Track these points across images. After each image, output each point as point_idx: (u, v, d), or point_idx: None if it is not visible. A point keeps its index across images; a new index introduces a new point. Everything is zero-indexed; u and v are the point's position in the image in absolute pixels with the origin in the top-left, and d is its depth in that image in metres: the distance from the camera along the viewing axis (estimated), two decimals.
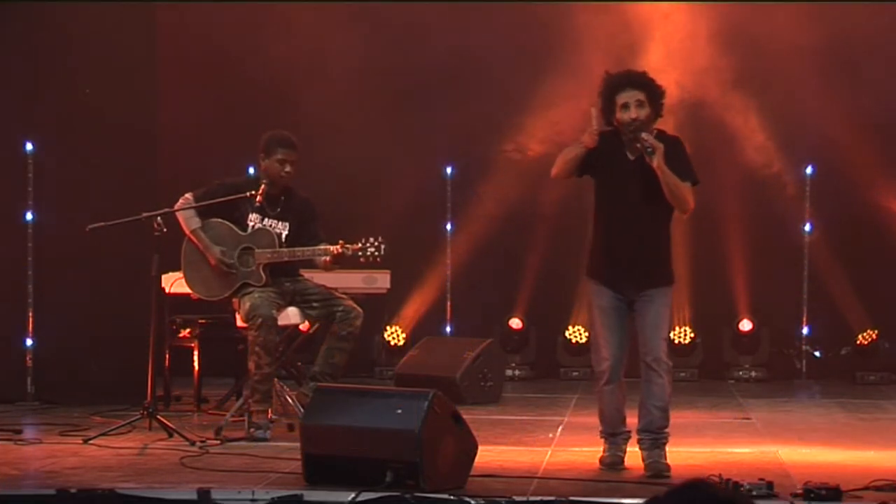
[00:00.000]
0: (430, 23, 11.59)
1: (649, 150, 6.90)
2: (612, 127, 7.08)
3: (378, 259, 8.19)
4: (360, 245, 8.15)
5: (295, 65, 11.53)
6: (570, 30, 11.45)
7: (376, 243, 8.14)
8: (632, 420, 7.25)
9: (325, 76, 11.50)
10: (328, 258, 8.21)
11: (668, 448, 7.14)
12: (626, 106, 6.99)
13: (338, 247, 8.16)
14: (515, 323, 11.80)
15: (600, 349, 7.15)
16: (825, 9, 11.38)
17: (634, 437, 7.20)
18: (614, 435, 7.22)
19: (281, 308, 8.31)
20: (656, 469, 6.99)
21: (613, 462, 7.20)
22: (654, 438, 7.10)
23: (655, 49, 10.90)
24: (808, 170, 11.77)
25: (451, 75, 11.75)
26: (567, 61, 11.33)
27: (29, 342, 9.88)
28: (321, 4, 11.56)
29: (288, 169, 8.37)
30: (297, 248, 8.32)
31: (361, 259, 8.19)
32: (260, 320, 8.09)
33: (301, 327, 8.76)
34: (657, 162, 6.88)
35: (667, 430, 7.14)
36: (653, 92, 7.06)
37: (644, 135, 6.94)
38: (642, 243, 7.06)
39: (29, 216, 9.89)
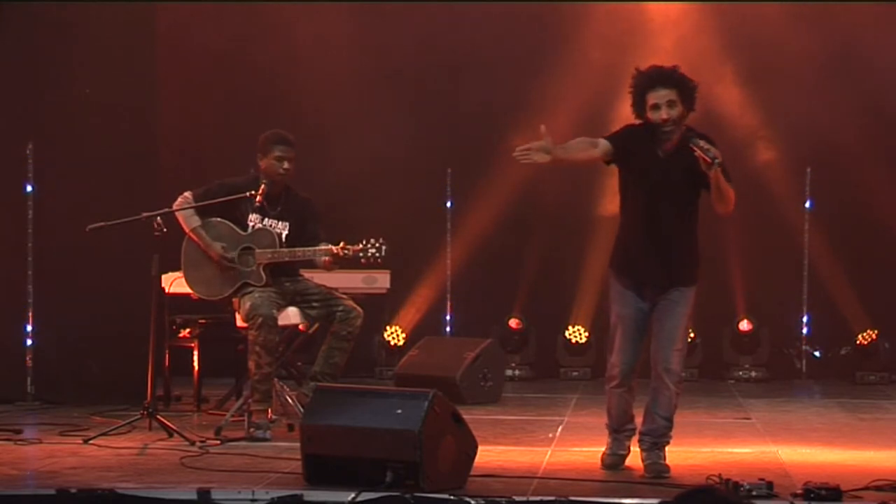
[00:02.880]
0: (430, 22, 11.60)
1: (717, 160, 6.70)
2: (641, 121, 6.99)
3: (379, 260, 8.18)
4: (360, 246, 8.14)
5: (295, 65, 11.54)
6: (570, 27, 11.46)
7: (377, 244, 8.13)
8: (637, 419, 7.25)
9: (326, 76, 11.51)
10: (329, 258, 8.21)
11: (668, 448, 7.13)
12: (656, 106, 6.88)
13: (339, 248, 8.16)
14: (515, 323, 11.80)
15: (613, 354, 7.13)
16: (827, 8, 11.39)
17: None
18: (619, 431, 7.21)
19: (281, 308, 8.31)
20: (656, 470, 6.98)
21: (613, 463, 7.19)
22: (655, 441, 7.09)
23: (655, 47, 10.89)
24: (809, 170, 11.77)
25: (450, 75, 11.77)
26: (567, 59, 11.34)
27: (29, 342, 9.89)
28: (321, 5, 11.57)
29: (286, 166, 8.38)
30: (297, 249, 8.32)
31: (362, 260, 8.18)
32: (260, 320, 8.09)
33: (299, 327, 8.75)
34: (716, 172, 6.75)
35: (670, 434, 7.14)
36: (685, 88, 6.93)
37: (703, 143, 6.75)
38: (668, 240, 6.98)
39: (29, 216, 9.90)
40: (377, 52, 11.69)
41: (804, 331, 11.86)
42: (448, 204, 11.96)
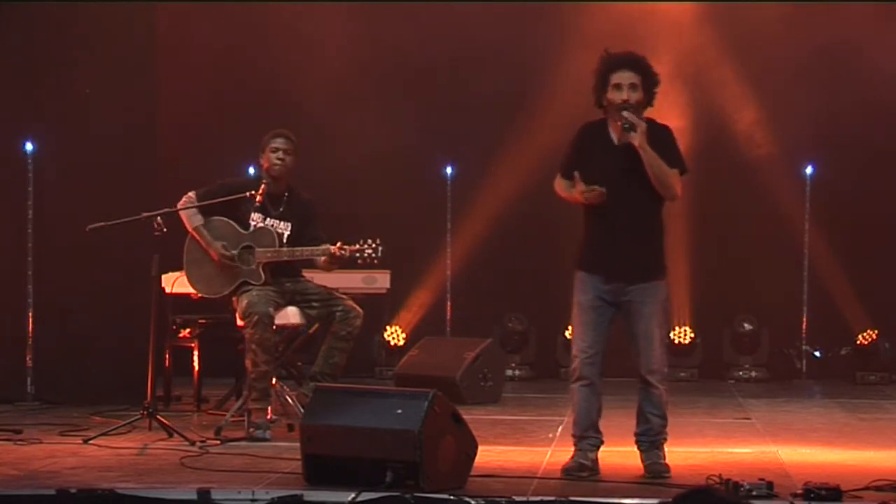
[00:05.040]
0: (430, 22, 11.61)
1: (626, 125, 6.76)
2: (601, 114, 7.00)
3: (375, 261, 8.19)
4: (357, 246, 8.15)
5: (295, 65, 11.55)
6: (571, 26, 11.45)
7: (374, 245, 8.14)
8: (628, 422, 7.21)
9: (325, 76, 11.51)
10: (326, 258, 8.21)
11: (668, 448, 7.12)
12: (618, 87, 6.87)
13: (336, 247, 8.16)
14: (515, 323, 11.79)
15: (573, 346, 7.07)
16: (827, 7, 11.40)
17: (632, 438, 7.14)
18: (582, 438, 7.04)
19: (279, 307, 8.32)
20: (655, 470, 6.96)
21: (574, 468, 6.97)
22: (653, 440, 7.07)
23: (654, 46, 10.87)
24: (809, 169, 11.78)
25: (450, 75, 11.77)
26: (566, 60, 11.32)
27: (29, 342, 9.89)
28: (320, 5, 11.57)
29: (281, 156, 8.38)
30: (296, 248, 8.33)
31: (359, 261, 8.19)
32: (256, 317, 8.09)
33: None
34: (638, 140, 6.76)
35: (665, 432, 7.12)
36: (649, 77, 6.93)
37: (625, 112, 6.80)
38: (630, 231, 6.91)
39: (29, 216, 9.90)
40: (377, 52, 11.69)
41: (804, 331, 11.86)
42: (448, 204, 11.96)
